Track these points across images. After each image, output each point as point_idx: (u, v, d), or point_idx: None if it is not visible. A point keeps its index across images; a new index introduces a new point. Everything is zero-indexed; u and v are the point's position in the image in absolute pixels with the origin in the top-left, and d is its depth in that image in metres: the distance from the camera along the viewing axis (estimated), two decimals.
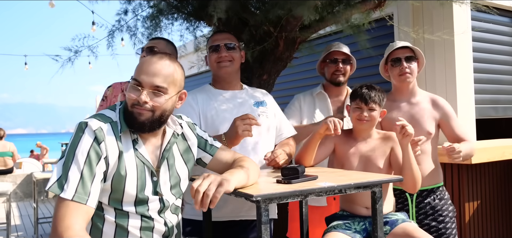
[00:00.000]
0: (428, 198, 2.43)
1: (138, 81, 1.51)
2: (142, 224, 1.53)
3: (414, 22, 3.76)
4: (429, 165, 2.44)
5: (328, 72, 2.70)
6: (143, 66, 1.53)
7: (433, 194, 2.45)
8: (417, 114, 2.45)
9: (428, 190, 2.45)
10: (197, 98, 2.20)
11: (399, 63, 2.44)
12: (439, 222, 2.41)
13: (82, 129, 1.44)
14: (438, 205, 2.43)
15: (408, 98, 2.50)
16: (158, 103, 1.52)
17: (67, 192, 1.36)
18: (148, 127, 1.54)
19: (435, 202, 2.43)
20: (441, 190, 2.48)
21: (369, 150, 2.17)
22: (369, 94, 2.12)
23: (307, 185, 1.57)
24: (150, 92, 1.51)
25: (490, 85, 4.05)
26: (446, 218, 2.42)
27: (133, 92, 1.51)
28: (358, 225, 2.10)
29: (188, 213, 2.17)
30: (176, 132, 1.67)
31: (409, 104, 2.49)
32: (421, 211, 2.43)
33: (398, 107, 2.48)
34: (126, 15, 3.17)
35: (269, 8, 2.52)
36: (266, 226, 1.43)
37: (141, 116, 1.51)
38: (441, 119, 2.47)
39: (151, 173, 1.56)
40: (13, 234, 6.00)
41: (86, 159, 1.40)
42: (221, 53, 2.20)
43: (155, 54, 1.58)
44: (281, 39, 2.75)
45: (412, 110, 2.46)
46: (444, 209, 2.43)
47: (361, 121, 2.14)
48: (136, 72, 1.53)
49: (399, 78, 2.45)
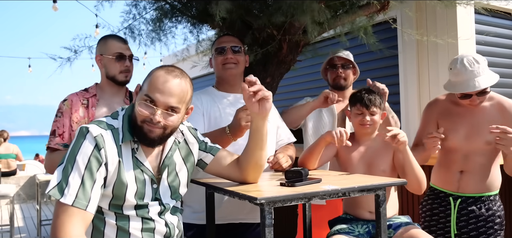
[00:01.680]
0: (474, 205, 2.28)
1: (152, 99, 1.49)
2: (143, 225, 1.54)
3: (417, 25, 3.75)
4: (479, 173, 2.27)
5: (330, 78, 2.77)
6: (158, 82, 1.49)
7: (480, 202, 2.28)
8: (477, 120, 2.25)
9: (475, 198, 2.28)
10: (201, 99, 2.21)
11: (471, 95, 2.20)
12: (480, 232, 2.26)
13: (83, 135, 1.44)
14: (483, 215, 2.26)
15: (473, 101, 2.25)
16: (170, 123, 1.51)
17: (68, 198, 1.36)
18: (157, 143, 1.54)
19: (480, 211, 2.27)
20: (491, 199, 2.29)
21: (372, 154, 2.17)
22: (370, 98, 2.13)
23: (311, 188, 1.56)
24: (163, 112, 1.49)
25: (494, 88, 4.03)
26: (489, 229, 2.26)
27: (145, 109, 1.49)
28: (362, 228, 2.10)
29: (189, 217, 2.16)
30: (177, 139, 1.67)
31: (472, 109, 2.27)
32: (463, 218, 2.30)
33: (460, 111, 2.30)
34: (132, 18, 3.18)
35: (272, 11, 2.52)
36: (269, 229, 1.43)
37: (152, 133, 1.50)
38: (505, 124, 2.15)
39: (151, 181, 1.56)
40: (16, 236, 6.01)
41: (87, 165, 1.40)
42: (227, 55, 2.22)
43: (169, 71, 1.53)
44: (285, 42, 2.75)
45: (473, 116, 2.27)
46: (489, 220, 2.26)
47: (364, 126, 2.14)
48: (149, 88, 1.49)
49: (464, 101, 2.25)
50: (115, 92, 2.30)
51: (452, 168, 2.33)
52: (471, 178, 2.28)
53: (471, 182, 2.29)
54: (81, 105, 2.23)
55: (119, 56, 2.23)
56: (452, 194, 2.33)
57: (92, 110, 2.22)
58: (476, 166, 2.27)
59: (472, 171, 2.28)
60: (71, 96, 2.25)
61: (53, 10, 4.40)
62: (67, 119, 2.20)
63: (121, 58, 2.24)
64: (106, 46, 2.26)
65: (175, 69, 1.56)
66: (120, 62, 2.23)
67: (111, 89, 2.29)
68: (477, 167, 2.27)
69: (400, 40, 3.89)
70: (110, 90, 2.30)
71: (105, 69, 2.26)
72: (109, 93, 2.30)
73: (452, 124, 2.29)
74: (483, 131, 2.21)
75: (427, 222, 2.44)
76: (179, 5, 3.03)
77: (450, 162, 2.34)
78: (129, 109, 1.58)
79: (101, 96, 2.28)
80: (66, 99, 2.25)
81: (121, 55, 2.23)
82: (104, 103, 2.26)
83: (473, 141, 2.21)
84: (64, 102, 2.23)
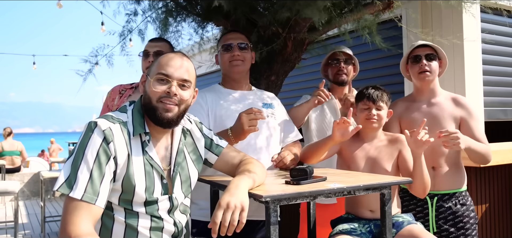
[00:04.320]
0: (449, 202, 2.35)
1: (166, 74, 1.52)
2: (152, 224, 1.53)
3: (423, 24, 3.74)
4: (451, 168, 2.36)
5: (332, 73, 2.73)
6: (167, 61, 1.55)
7: (455, 198, 2.36)
8: (437, 114, 2.38)
9: (450, 194, 2.36)
10: (206, 97, 2.21)
11: (419, 61, 2.38)
12: (458, 228, 2.32)
13: (91, 129, 1.44)
14: (460, 211, 2.34)
15: (428, 98, 2.43)
16: (185, 97, 1.56)
17: (76, 192, 1.35)
18: (174, 123, 1.56)
19: (456, 207, 2.34)
20: (464, 195, 2.39)
21: (376, 152, 2.16)
22: (377, 93, 2.13)
23: (316, 186, 1.56)
24: (178, 84, 1.54)
25: (499, 87, 4.02)
26: (466, 224, 2.33)
27: (160, 85, 1.52)
28: (363, 228, 2.09)
29: (194, 214, 2.17)
30: (185, 127, 1.68)
31: (429, 104, 2.42)
32: (441, 216, 2.35)
33: (418, 107, 2.42)
34: (136, 16, 3.18)
35: (277, 8, 2.52)
36: (275, 226, 1.43)
37: (169, 112, 1.53)
38: (462, 118, 2.37)
39: (161, 176, 1.56)
40: (20, 232, 6.04)
41: (96, 159, 1.40)
42: (234, 52, 2.22)
43: (174, 53, 1.61)
44: (290, 40, 2.75)
45: (432, 110, 2.39)
46: (465, 215, 2.34)
47: (370, 120, 2.13)
48: (160, 67, 1.54)
49: (418, 76, 2.39)
50: None
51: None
52: (444, 173, 2.34)
53: (444, 178, 2.34)
54: (118, 94, 2.42)
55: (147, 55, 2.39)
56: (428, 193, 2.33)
57: (123, 100, 2.37)
58: (445, 160, 2.34)
59: (442, 165, 2.34)
60: (115, 86, 2.49)
61: (58, 7, 4.42)
62: (105, 106, 2.42)
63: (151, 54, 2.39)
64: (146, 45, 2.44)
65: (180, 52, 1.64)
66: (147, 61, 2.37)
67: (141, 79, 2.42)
68: (447, 160, 2.35)
69: (405, 39, 3.88)
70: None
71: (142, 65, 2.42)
72: None
73: (414, 120, 2.38)
74: (444, 122, 2.35)
75: None
76: (184, 3, 3.02)
77: None
78: (138, 103, 1.59)
79: (137, 92, 2.42)
80: (110, 90, 2.49)
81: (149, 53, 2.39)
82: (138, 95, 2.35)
83: (435, 133, 2.19)
84: (109, 92, 2.48)
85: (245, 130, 1.92)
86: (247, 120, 1.92)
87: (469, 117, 2.36)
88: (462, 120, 2.37)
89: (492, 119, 3.90)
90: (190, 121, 1.73)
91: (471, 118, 2.37)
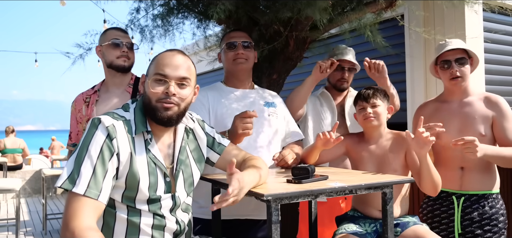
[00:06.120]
0: (478, 204, 2.25)
1: (163, 74, 1.52)
2: (154, 222, 1.53)
3: (425, 23, 3.73)
4: (481, 169, 2.26)
5: (333, 78, 2.75)
6: (164, 60, 1.54)
7: (484, 200, 2.25)
8: (469, 114, 2.28)
9: (479, 196, 2.26)
10: (207, 95, 2.21)
11: (449, 66, 2.29)
12: (485, 231, 2.23)
13: (95, 125, 1.44)
14: (488, 213, 2.23)
15: (460, 98, 2.34)
16: (184, 95, 1.55)
17: (79, 187, 1.35)
18: (175, 121, 1.56)
19: (484, 209, 2.24)
20: (494, 197, 2.27)
21: (382, 152, 2.15)
22: (368, 92, 2.17)
23: (317, 185, 1.56)
24: (176, 83, 1.53)
25: (501, 86, 4.01)
26: (494, 228, 2.23)
27: (158, 86, 1.52)
28: (369, 227, 2.09)
29: (195, 212, 2.17)
30: (188, 126, 1.67)
31: (461, 104, 2.32)
32: (467, 217, 2.26)
33: (449, 108, 2.34)
34: (138, 13, 3.18)
35: (279, 7, 2.51)
36: (276, 225, 1.43)
37: (168, 111, 1.52)
38: (494, 118, 2.24)
39: (164, 174, 1.56)
40: (22, 229, 6.05)
41: (99, 155, 1.40)
42: (238, 51, 2.22)
43: (172, 50, 1.60)
44: (291, 38, 2.75)
45: (463, 110, 2.30)
46: (493, 218, 2.23)
47: (367, 119, 2.14)
48: (157, 67, 1.54)
49: (450, 82, 2.31)
50: (118, 83, 2.32)
51: (452, 165, 2.30)
52: (473, 174, 2.26)
53: (473, 179, 2.26)
54: (83, 103, 2.30)
55: (115, 43, 2.26)
56: (455, 193, 2.29)
57: (91, 107, 2.27)
58: (476, 161, 2.21)
59: (472, 166, 2.25)
60: (77, 96, 2.35)
61: (61, 5, 4.41)
62: (73, 119, 2.32)
63: (117, 45, 2.26)
64: (104, 36, 2.31)
65: (178, 50, 1.61)
66: (117, 48, 2.26)
67: (113, 79, 2.31)
68: (477, 162, 2.22)
69: (407, 38, 3.87)
70: (112, 81, 2.32)
71: (104, 59, 2.30)
72: (111, 84, 2.32)
73: (444, 121, 2.27)
74: (475, 123, 2.25)
75: (429, 224, 2.38)
76: (186, 1, 3.02)
77: (448, 160, 2.31)
78: (140, 102, 1.59)
79: (103, 92, 2.33)
80: (73, 101, 2.35)
81: (116, 42, 2.26)
82: (104, 99, 2.30)
83: (466, 134, 2.17)
84: (72, 104, 2.34)
85: (239, 134, 1.92)
86: (241, 123, 1.91)
87: (501, 117, 2.24)
88: (494, 120, 2.25)
89: None
90: (193, 120, 1.73)
91: (503, 118, 2.24)
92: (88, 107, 2.28)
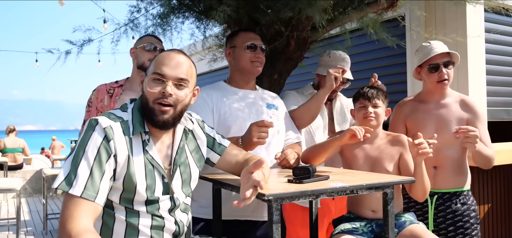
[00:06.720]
0: (450, 201, 2.35)
1: (161, 74, 1.51)
2: (152, 223, 1.53)
3: (426, 23, 3.73)
4: (453, 168, 2.35)
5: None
6: (164, 60, 1.53)
7: (455, 197, 2.35)
8: (444, 115, 2.36)
9: (451, 194, 2.36)
10: (211, 95, 2.21)
11: (437, 70, 2.34)
12: (457, 227, 2.32)
13: (92, 127, 1.44)
14: (460, 210, 2.33)
15: (437, 99, 2.41)
16: (181, 97, 1.53)
17: (76, 189, 1.34)
18: (171, 124, 1.54)
19: (456, 206, 2.34)
20: (465, 194, 2.38)
21: (376, 152, 2.16)
22: (372, 92, 2.16)
23: (318, 185, 1.56)
24: (173, 84, 1.52)
25: (503, 87, 4.00)
26: (466, 224, 2.32)
27: (156, 86, 1.51)
28: (365, 227, 2.10)
29: (195, 212, 2.17)
30: (187, 127, 1.67)
31: (438, 105, 2.40)
32: (440, 214, 2.35)
33: (426, 108, 2.41)
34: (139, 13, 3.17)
35: (280, 7, 2.51)
36: (277, 225, 1.43)
37: (164, 115, 1.51)
38: (469, 120, 2.35)
39: (162, 176, 1.55)
40: (22, 229, 6.05)
41: (96, 156, 1.40)
42: (259, 54, 2.24)
43: (171, 50, 1.59)
44: (292, 38, 2.74)
45: (439, 111, 2.38)
46: (465, 214, 2.33)
47: (367, 119, 2.14)
48: (156, 67, 1.53)
49: (437, 85, 2.36)
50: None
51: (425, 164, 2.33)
52: (446, 173, 2.34)
53: (446, 177, 2.34)
54: (107, 93, 2.36)
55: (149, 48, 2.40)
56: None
57: (115, 99, 2.33)
58: (449, 161, 2.34)
59: (445, 165, 2.34)
60: (100, 86, 2.41)
61: (60, 5, 4.42)
62: (94, 108, 2.35)
63: (151, 49, 2.40)
64: (140, 40, 2.46)
65: (179, 50, 1.61)
66: (150, 52, 2.38)
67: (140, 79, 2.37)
68: (450, 162, 2.34)
69: (408, 38, 3.87)
70: (139, 81, 2.39)
71: (137, 59, 2.42)
72: (138, 84, 2.40)
73: (420, 121, 2.38)
74: (451, 124, 2.33)
75: None
76: (187, 1, 3.02)
77: None
78: (138, 102, 1.58)
79: (127, 88, 2.40)
80: (95, 89, 2.41)
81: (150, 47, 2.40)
82: (128, 94, 2.34)
83: (442, 135, 2.24)
84: (93, 92, 2.40)
85: (253, 142, 1.93)
86: (257, 132, 1.92)
87: (476, 120, 2.35)
88: (469, 122, 2.35)
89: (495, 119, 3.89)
90: (192, 121, 1.72)
91: (477, 121, 2.35)
92: (111, 98, 2.35)
